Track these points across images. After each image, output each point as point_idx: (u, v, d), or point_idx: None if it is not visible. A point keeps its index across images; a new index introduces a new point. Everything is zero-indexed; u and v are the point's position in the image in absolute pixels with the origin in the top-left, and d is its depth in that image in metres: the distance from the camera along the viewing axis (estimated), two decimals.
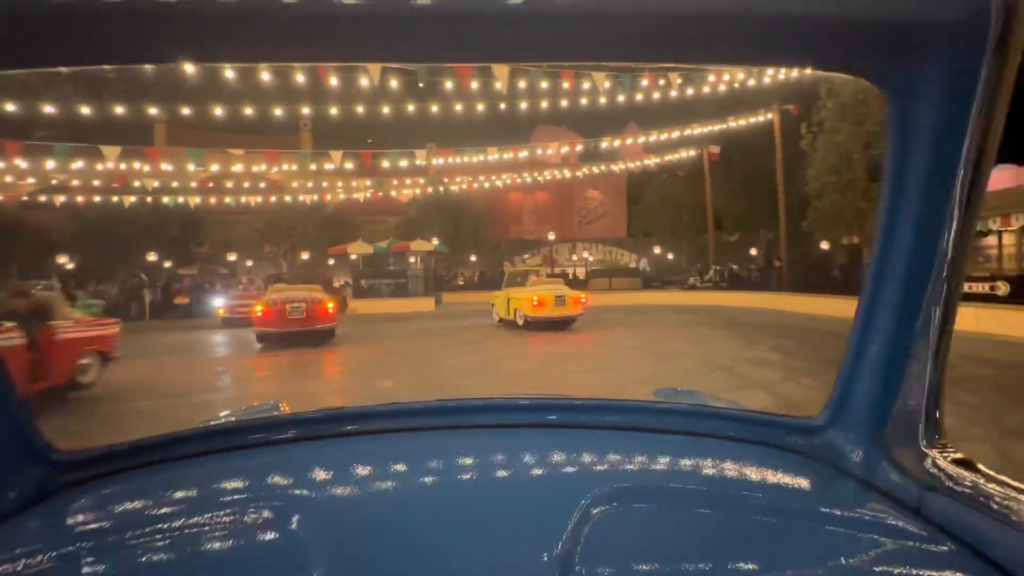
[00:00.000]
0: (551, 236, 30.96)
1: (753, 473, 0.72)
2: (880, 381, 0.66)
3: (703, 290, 20.96)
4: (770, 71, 15.20)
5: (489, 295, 13.57)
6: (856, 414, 0.69)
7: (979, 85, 0.50)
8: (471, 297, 23.94)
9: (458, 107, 14.78)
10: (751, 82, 15.27)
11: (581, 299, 11.72)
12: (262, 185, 23.29)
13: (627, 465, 0.75)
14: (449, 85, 12.93)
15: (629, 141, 20.81)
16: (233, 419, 0.99)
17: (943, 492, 0.57)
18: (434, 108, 14.66)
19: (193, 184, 21.29)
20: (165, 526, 0.59)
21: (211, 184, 21.52)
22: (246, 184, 22.10)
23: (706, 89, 15.24)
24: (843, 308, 12.95)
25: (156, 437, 0.80)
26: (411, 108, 14.74)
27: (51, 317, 5.73)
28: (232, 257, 27.36)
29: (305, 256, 25.74)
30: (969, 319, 9.49)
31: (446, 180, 24.48)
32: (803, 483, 0.70)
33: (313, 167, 18.71)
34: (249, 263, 27.57)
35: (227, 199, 20.42)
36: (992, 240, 16.11)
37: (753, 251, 27.52)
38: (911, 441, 0.61)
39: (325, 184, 24.21)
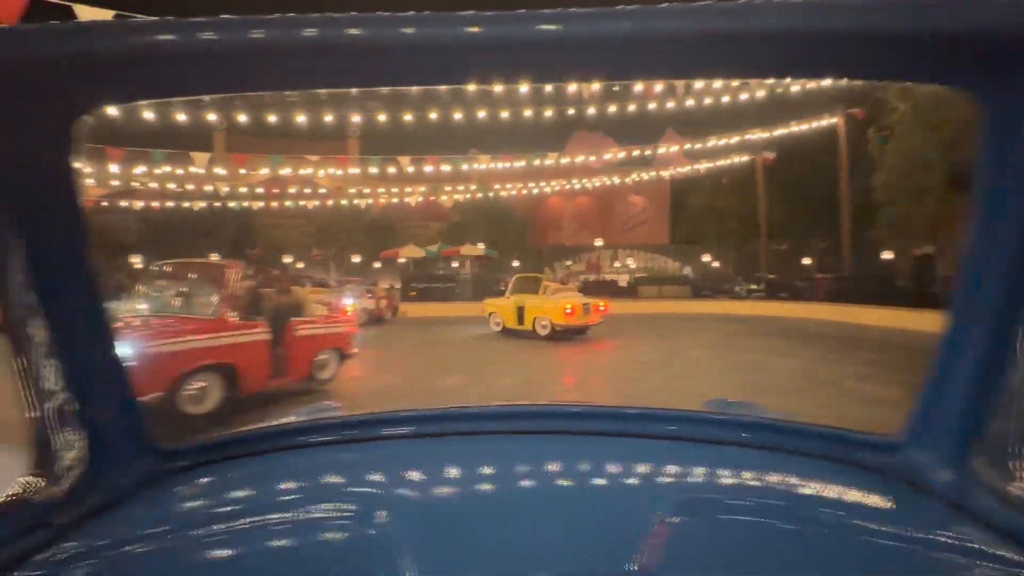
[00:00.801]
0: (598, 242, 30.60)
1: (827, 490, 0.69)
2: (970, 399, 0.63)
3: (755, 300, 20.21)
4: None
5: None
6: (942, 432, 0.65)
7: None
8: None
9: (504, 114, 14.82)
10: (809, 85, 14.68)
11: (600, 307, 11.53)
12: (321, 191, 24.02)
13: (699, 477, 0.74)
14: (496, 89, 12.95)
15: (673, 148, 20.40)
16: (326, 415, 1.02)
17: None
18: (480, 114, 14.73)
19: (259, 189, 22.13)
20: (260, 515, 0.62)
21: (275, 189, 22.33)
22: (307, 190, 22.85)
23: (760, 93, 14.77)
24: (915, 321, 12.23)
25: (254, 429, 0.85)
26: (457, 116, 14.85)
27: (301, 313, 5.91)
28: (287, 259, 28.31)
29: (356, 259, 26.32)
30: None
31: (495, 186, 24.61)
32: (881, 502, 0.67)
33: (374, 170, 19.14)
34: (300, 265, 28.47)
35: (287, 203, 21.11)
36: None
37: (806, 260, 26.45)
38: (1005, 462, 0.58)
39: (368, 190, 24.77)
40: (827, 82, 14.78)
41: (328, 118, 14.96)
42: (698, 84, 13.26)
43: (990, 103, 0.55)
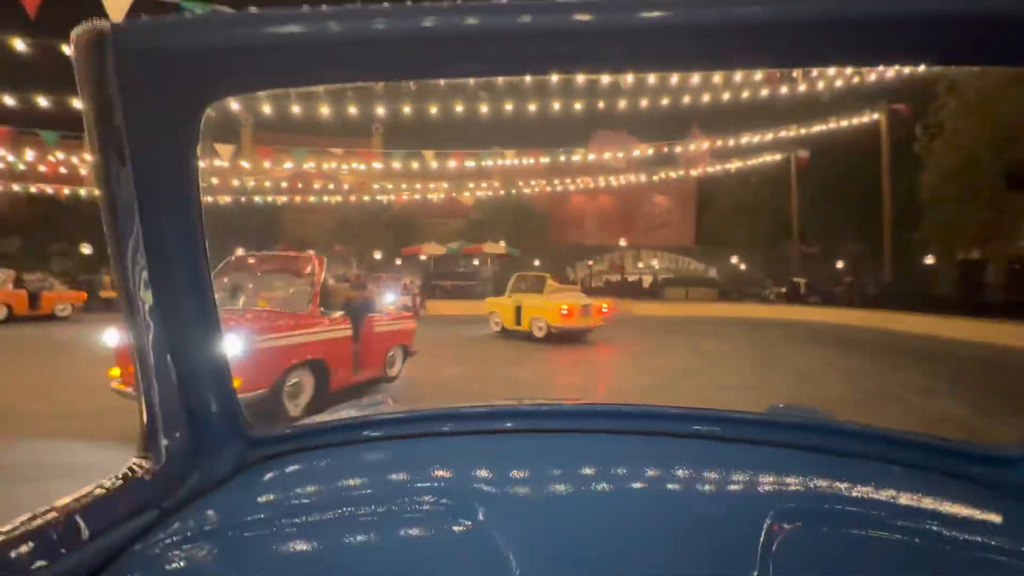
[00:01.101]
0: (623, 242, 30.08)
1: (936, 503, 0.65)
2: None
3: (787, 304, 19.42)
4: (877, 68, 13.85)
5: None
6: None
7: None
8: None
9: (531, 107, 14.50)
10: (850, 80, 13.94)
11: (603, 309, 10.85)
12: (345, 186, 24.11)
13: (799, 485, 0.70)
14: (517, 80, 12.63)
15: (704, 146, 19.77)
16: (414, 409, 1.03)
17: None
18: (508, 107, 14.44)
19: (284, 184, 22.33)
20: (347, 504, 0.63)
21: (300, 184, 22.51)
22: (330, 185, 22.95)
23: (802, 88, 14.09)
24: (969, 331, 11.46)
25: (342, 419, 0.87)
26: (483, 109, 14.59)
27: (374, 309, 5.96)
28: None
29: (377, 256, 26.35)
30: None
31: (518, 183, 24.34)
32: (995, 519, 0.63)
33: (397, 165, 19.08)
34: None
35: (311, 198, 21.20)
36: None
37: (839, 264, 25.45)
38: None
39: (391, 186, 24.72)
40: (869, 76, 14.07)
41: (353, 110, 14.88)
42: (737, 76, 12.71)
43: None
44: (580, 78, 12.02)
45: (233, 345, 3.83)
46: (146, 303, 0.61)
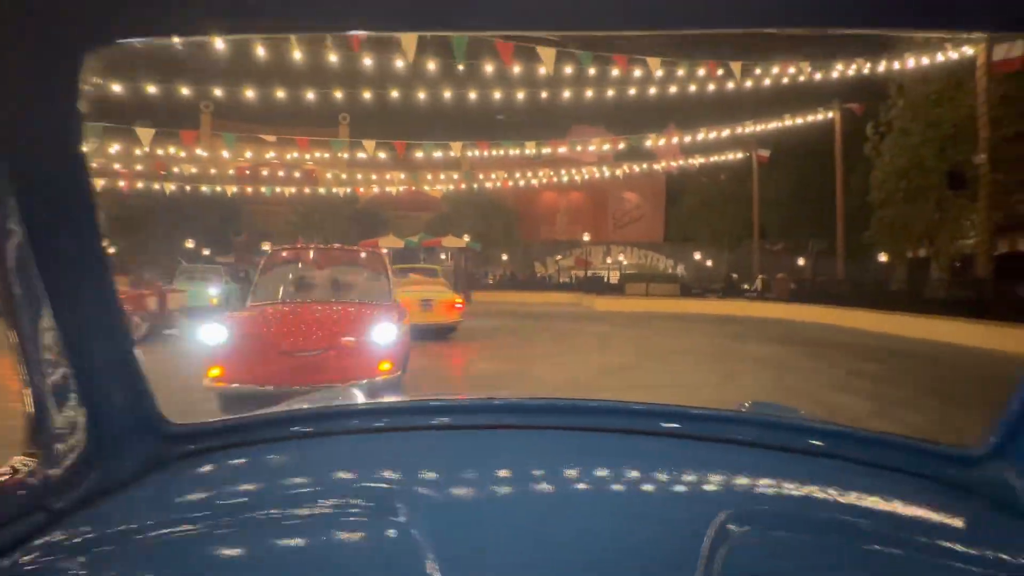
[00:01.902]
0: (586, 237, 30.14)
1: (900, 505, 0.65)
2: None
3: (749, 300, 19.71)
4: (837, 61, 14.01)
5: (520, 295, 12.19)
6: None
7: None
8: (501, 296, 23.50)
9: (496, 94, 14.24)
10: (810, 76, 14.06)
11: (456, 304, 10.20)
12: (296, 175, 23.45)
13: (757, 484, 0.68)
14: (489, 69, 12.40)
15: (673, 140, 19.86)
16: (344, 404, 0.98)
17: None
18: (472, 95, 14.17)
19: (231, 172, 21.62)
20: (268, 505, 0.59)
21: (248, 172, 21.82)
22: (280, 174, 22.31)
23: (766, 81, 14.09)
24: (915, 328, 11.74)
25: (267, 414, 0.82)
26: (447, 95, 14.28)
27: None
28: (267, 247, 27.86)
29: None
30: None
31: (480, 176, 24.08)
32: (959, 520, 0.63)
33: (345, 156, 18.61)
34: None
35: (263, 188, 20.56)
36: None
37: (800, 261, 25.99)
38: None
39: (360, 176, 24.19)
40: (826, 75, 14.21)
41: (311, 96, 14.43)
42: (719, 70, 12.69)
43: None
44: (560, 73, 11.90)
45: (389, 333, 4.22)
46: (28, 284, 0.55)
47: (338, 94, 14.73)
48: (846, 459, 0.73)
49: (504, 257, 29.82)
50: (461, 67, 12.01)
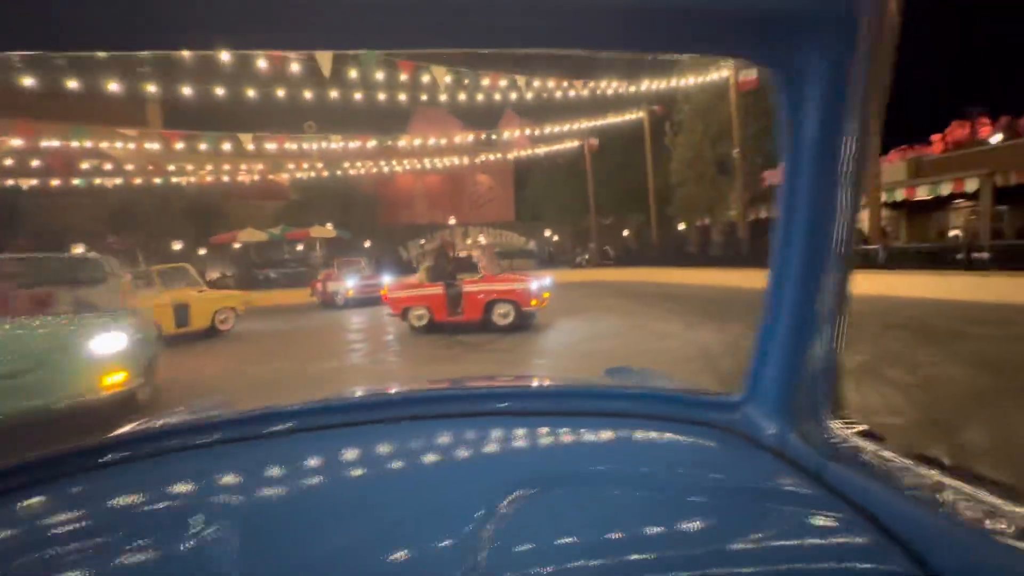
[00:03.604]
0: (452, 221, 31.57)
1: (674, 451, 0.75)
2: (787, 356, 0.68)
3: (589, 268, 23.61)
4: (645, 74, 17.79)
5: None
6: (768, 389, 0.71)
7: (855, 77, 0.54)
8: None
9: (333, 94, 14.33)
10: (628, 84, 17.59)
11: (232, 308, 9.42)
12: (107, 167, 19.85)
13: (542, 450, 0.76)
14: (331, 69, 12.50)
15: (517, 133, 22.28)
16: (160, 423, 0.97)
17: (843, 462, 0.59)
18: (308, 93, 13.98)
19: (34, 163, 17.78)
20: (81, 538, 0.59)
21: (57, 163, 18.09)
22: (107, 165, 19.00)
23: (602, 85, 17.12)
24: (704, 277, 16.13)
25: (76, 446, 0.79)
26: (283, 90, 13.91)
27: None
28: (79, 249, 23.30)
29: (177, 247, 22.93)
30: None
31: (343, 165, 23.59)
32: (722, 458, 0.73)
33: (157, 146, 16.69)
34: (93, 255, 23.54)
35: (76, 181, 17.44)
36: None
37: (625, 232, 31.31)
38: (815, 414, 0.65)
39: (191, 167, 21.60)
40: (643, 82, 17.86)
41: (116, 87, 12.87)
42: (549, 81, 14.86)
43: (782, 78, 0.60)
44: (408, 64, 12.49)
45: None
46: None
47: (148, 77, 13.22)
48: (633, 416, 0.83)
49: (367, 244, 29.70)
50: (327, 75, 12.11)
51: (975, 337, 6.41)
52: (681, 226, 24.03)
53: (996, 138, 19.88)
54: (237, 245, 20.59)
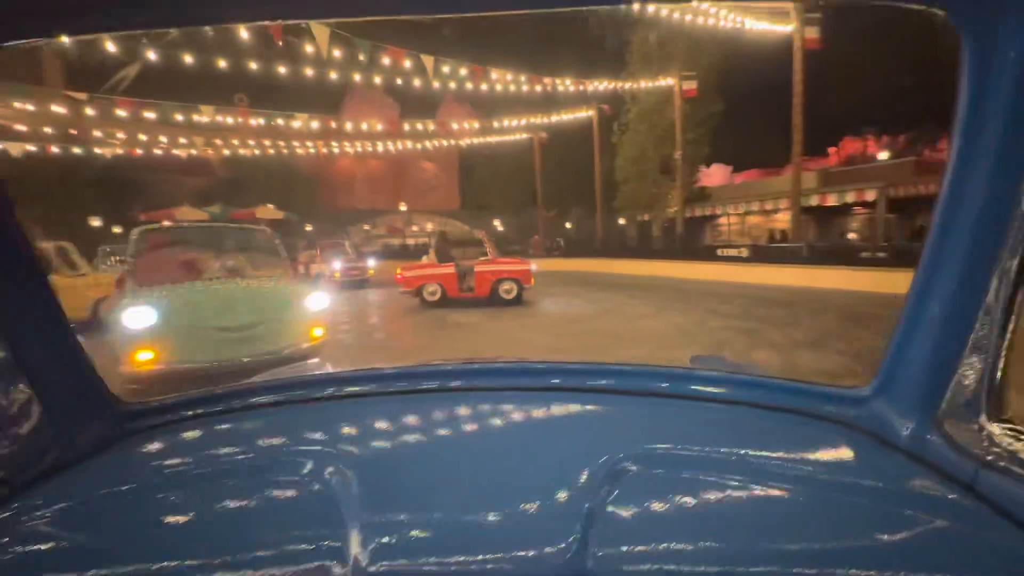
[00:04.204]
0: (403, 207, 31.04)
1: (793, 443, 0.70)
2: (937, 352, 0.62)
3: (534, 258, 24.48)
4: (596, 74, 18.75)
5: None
6: (909, 385, 0.66)
7: None
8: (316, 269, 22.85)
9: (280, 69, 13.61)
10: (579, 85, 18.44)
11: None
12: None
13: (659, 430, 0.74)
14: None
15: (456, 126, 22.46)
16: (283, 377, 1.04)
17: (1001, 470, 0.53)
18: (248, 64, 13.06)
19: None
20: (216, 474, 0.64)
21: None
22: None
23: (537, 87, 17.73)
24: (648, 269, 17.51)
25: (213, 390, 0.87)
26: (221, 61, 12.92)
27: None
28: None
29: (96, 223, 20.59)
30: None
31: (278, 143, 22.34)
32: (846, 455, 0.67)
33: (60, 109, 14.58)
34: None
35: None
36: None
37: (568, 225, 32.63)
38: (968, 415, 0.59)
39: (100, 135, 19.24)
40: (593, 82, 18.80)
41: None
42: (506, 74, 15.20)
43: (971, 31, 0.51)
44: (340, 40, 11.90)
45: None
46: None
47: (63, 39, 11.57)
48: (746, 404, 0.80)
49: (308, 228, 28.49)
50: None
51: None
52: (621, 220, 25.57)
53: (883, 155, 23.31)
54: (166, 223, 18.91)
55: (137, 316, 3.92)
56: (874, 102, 24.43)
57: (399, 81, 14.85)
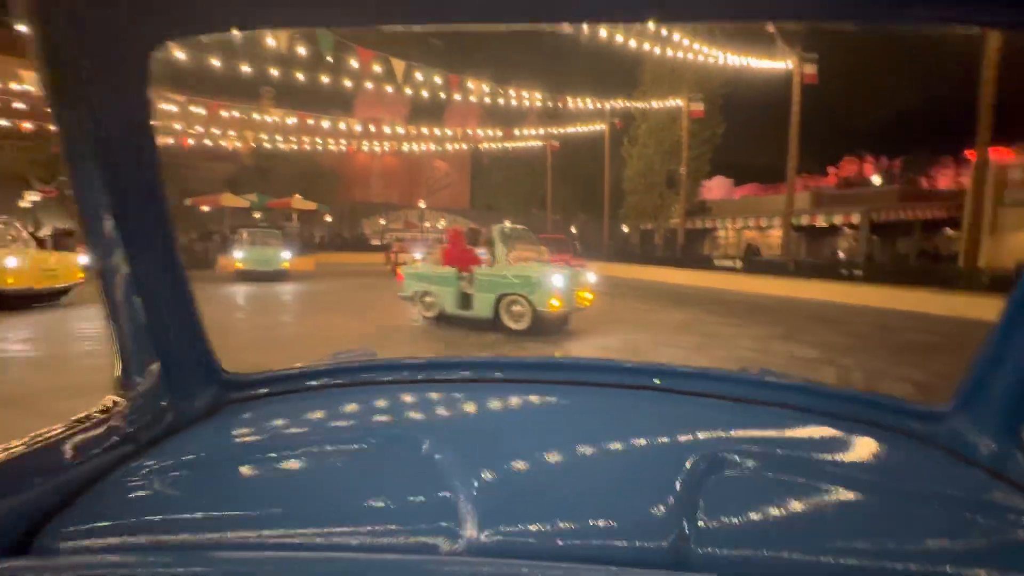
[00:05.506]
0: (422, 204, 32.29)
1: (871, 454, 0.69)
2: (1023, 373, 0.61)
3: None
4: (610, 93, 20.23)
5: (350, 256, 12.48)
6: (992, 404, 0.66)
7: None
8: (336, 258, 23.90)
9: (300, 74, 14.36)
10: (596, 101, 19.88)
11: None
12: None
13: (736, 435, 0.74)
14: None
15: (480, 132, 23.80)
16: (377, 359, 1.06)
17: None
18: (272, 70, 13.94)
19: None
20: (310, 441, 0.69)
21: None
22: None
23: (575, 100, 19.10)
24: (645, 274, 18.89)
25: (310, 367, 0.93)
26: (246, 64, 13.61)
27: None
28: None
29: None
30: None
31: (284, 135, 23.29)
32: (928, 469, 0.67)
33: None
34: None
35: None
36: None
37: (573, 229, 34.10)
38: None
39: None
40: (608, 100, 20.27)
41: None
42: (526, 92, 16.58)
43: None
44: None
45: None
46: (113, 246, 0.62)
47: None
48: (822, 414, 0.79)
49: (328, 219, 29.75)
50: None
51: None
52: (625, 228, 27.02)
53: (876, 179, 24.97)
54: (206, 208, 20.25)
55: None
56: (877, 126, 25.97)
57: (425, 94, 15.79)
